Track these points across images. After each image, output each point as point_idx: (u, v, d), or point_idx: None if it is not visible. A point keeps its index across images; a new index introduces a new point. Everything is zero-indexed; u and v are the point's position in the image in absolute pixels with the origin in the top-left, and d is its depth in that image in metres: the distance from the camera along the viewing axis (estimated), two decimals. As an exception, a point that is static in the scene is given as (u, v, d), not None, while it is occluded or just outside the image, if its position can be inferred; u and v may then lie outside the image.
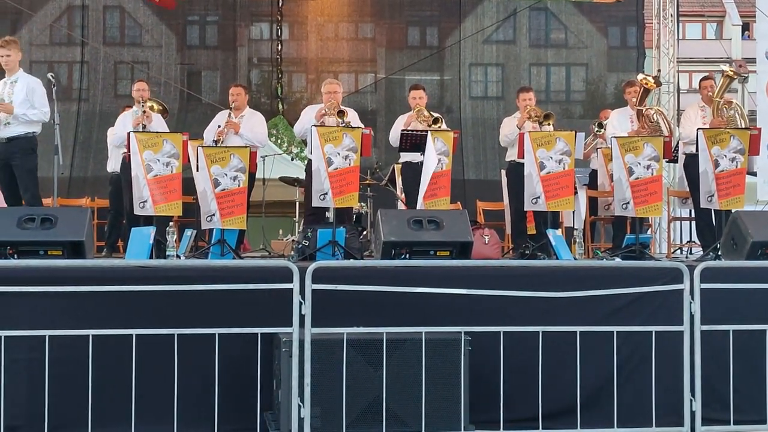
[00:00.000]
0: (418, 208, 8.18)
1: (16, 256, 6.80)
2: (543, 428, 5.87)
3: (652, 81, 9.10)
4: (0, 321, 5.55)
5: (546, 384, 5.85)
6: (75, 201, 10.77)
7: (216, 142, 9.06)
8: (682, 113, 9.42)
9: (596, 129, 10.24)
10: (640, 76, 9.20)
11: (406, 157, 9.29)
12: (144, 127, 8.88)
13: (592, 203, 10.24)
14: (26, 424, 5.75)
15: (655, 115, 9.01)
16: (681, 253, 10.86)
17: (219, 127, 9.22)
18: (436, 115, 9.21)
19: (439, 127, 8.88)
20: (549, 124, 9.02)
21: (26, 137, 8.31)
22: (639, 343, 6.08)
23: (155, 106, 9.44)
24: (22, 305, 5.78)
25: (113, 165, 10.23)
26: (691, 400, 5.76)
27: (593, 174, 10.39)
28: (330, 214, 8.80)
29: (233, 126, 9.23)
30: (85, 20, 13.80)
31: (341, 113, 8.75)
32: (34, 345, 5.51)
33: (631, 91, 9.35)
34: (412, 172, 8.88)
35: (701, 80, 9.38)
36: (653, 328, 5.91)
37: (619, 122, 9.26)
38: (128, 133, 8.23)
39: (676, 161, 10.22)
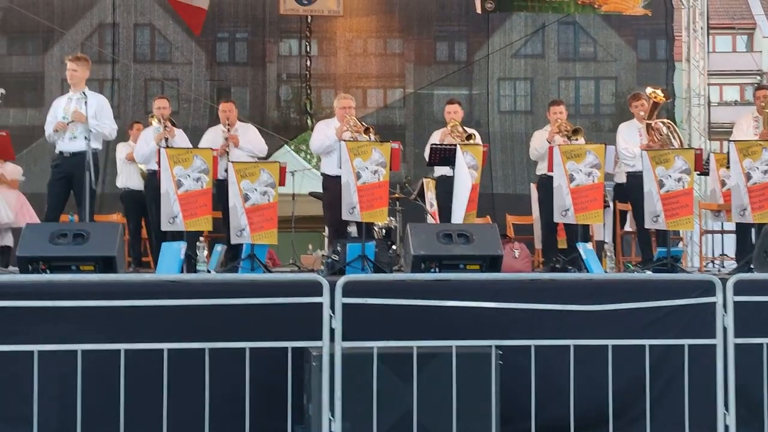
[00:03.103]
0: (455, 222, 8.15)
1: (48, 271, 6.86)
2: (575, 442, 5.83)
3: (661, 94, 9.02)
4: (33, 336, 5.60)
5: (578, 398, 5.80)
6: (106, 217, 10.85)
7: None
8: (735, 124, 9.30)
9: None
10: (649, 90, 9.11)
11: (440, 170, 9.26)
12: (167, 140, 8.96)
13: (622, 217, 10.18)
14: (59, 439, 5.80)
15: (664, 128, 8.94)
16: (713, 266, 10.77)
17: (224, 140, 9.24)
18: (470, 131, 9.19)
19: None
20: (577, 139, 9.00)
21: (92, 152, 8.39)
22: (672, 356, 6.03)
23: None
24: (54, 320, 5.83)
25: (124, 181, 10.29)
26: (724, 414, 5.69)
27: (618, 187, 10.31)
28: (352, 229, 8.81)
29: (233, 139, 9.29)
30: (116, 38, 13.92)
31: (367, 131, 8.69)
32: (66, 359, 5.53)
33: (638, 105, 9.26)
34: (447, 185, 8.81)
35: (755, 89, 9.30)
36: (686, 342, 5.84)
37: (628, 136, 9.19)
38: (159, 149, 8.29)
39: (707, 174, 10.15)
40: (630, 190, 9.21)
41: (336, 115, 9.19)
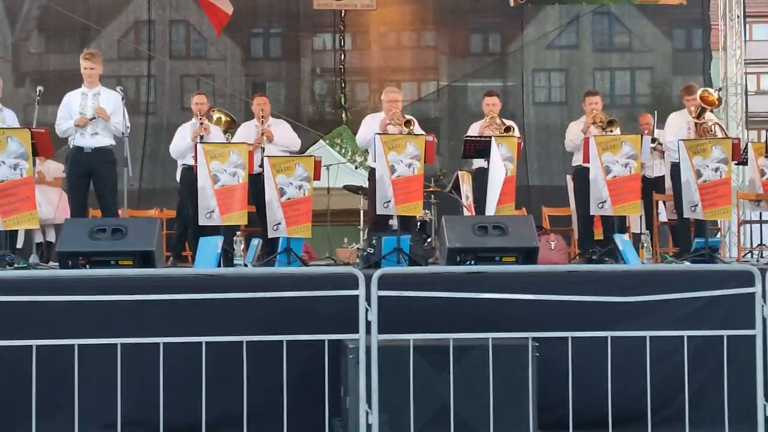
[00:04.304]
0: (488, 213, 8.14)
1: (88, 266, 6.94)
2: (612, 435, 5.80)
3: (715, 97, 8.91)
4: (73, 329, 5.67)
5: (615, 390, 5.78)
6: (144, 212, 10.94)
7: None
8: None
9: (652, 144, 9.94)
10: (702, 91, 9.00)
11: (478, 163, 9.25)
12: (201, 138, 8.99)
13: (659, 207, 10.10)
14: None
15: (713, 128, 8.85)
16: (752, 256, 10.66)
17: (260, 134, 9.25)
18: (508, 123, 9.17)
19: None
20: (612, 131, 8.94)
21: (109, 149, 8.48)
22: (710, 347, 5.99)
23: (223, 118, 9.52)
24: (94, 314, 5.90)
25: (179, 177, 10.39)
26: (765, 406, 5.65)
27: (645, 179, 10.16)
28: (393, 222, 8.82)
29: (267, 134, 9.31)
30: (152, 35, 14.00)
31: (408, 123, 8.72)
32: (105, 353, 5.59)
33: (690, 99, 9.14)
34: (484, 177, 8.76)
35: None
36: (725, 333, 5.80)
37: (677, 129, 9.08)
38: (195, 144, 8.35)
39: (745, 164, 10.05)
40: (672, 181, 9.13)
41: (383, 108, 9.21)
